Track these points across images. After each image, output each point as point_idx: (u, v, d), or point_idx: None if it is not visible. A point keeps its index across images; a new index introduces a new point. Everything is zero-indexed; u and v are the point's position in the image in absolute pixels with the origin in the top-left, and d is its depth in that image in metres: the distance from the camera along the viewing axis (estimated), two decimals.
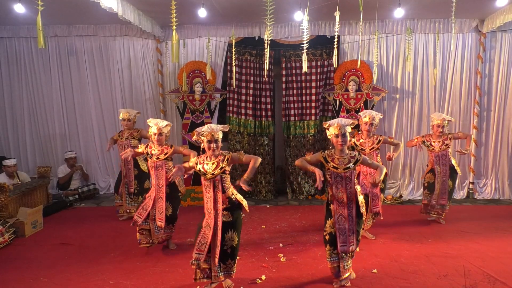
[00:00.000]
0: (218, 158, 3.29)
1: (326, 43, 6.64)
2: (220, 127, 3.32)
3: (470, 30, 6.53)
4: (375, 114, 4.73)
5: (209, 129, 3.25)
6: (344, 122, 3.33)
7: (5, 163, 5.94)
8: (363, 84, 6.55)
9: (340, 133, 3.28)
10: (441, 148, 5.09)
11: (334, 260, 3.47)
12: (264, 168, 6.96)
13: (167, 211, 4.33)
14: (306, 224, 5.45)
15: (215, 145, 3.26)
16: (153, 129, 4.30)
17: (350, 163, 3.31)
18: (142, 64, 7.03)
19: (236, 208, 3.35)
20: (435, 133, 5.13)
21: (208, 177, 3.26)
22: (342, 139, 3.29)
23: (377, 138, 4.70)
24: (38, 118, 7.20)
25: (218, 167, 3.26)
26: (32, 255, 4.45)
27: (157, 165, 4.31)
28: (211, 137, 3.23)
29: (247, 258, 4.26)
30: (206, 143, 3.27)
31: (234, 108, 6.88)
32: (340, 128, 3.29)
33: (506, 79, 6.60)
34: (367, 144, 4.69)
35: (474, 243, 4.62)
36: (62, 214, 6.03)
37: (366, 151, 4.64)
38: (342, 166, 3.31)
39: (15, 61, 7.05)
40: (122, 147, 5.47)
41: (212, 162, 3.29)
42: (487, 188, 6.86)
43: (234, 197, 3.35)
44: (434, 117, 5.14)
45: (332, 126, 3.34)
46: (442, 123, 5.03)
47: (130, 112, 5.54)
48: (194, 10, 5.47)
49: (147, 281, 3.75)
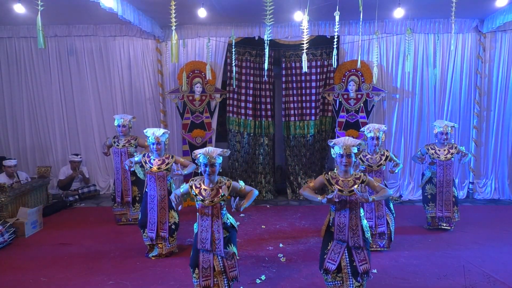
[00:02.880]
0: (217, 185, 3.11)
1: (326, 43, 6.63)
2: (218, 151, 3.09)
3: (470, 30, 6.52)
4: (378, 126, 4.54)
5: (205, 152, 3.05)
6: (350, 142, 3.09)
7: (5, 163, 5.94)
8: (363, 84, 6.55)
9: (346, 153, 3.05)
10: (446, 157, 4.89)
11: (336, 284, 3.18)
12: (264, 168, 6.96)
13: (174, 219, 4.31)
14: (306, 224, 5.45)
15: (211, 170, 3.04)
16: (150, 139, 4.21)
17: (355, 185, 3.06)
18: (142, 64, 7.02)
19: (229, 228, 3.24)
20: (439, 141, 4.92)
21: (207, 204, 3.07)
22: (347, 160, 3.06)
23: (384, 154, 4.51)
24: (38, 118, 7.19)
25: (218, 194, 3.08)
26: (32, 255, 4.45)
27: (158, 175, 4.24)
28: (207, 160, 3.03)
29: (247, 258, 4.26)
30: (202, 166, 3.06)
31: (234, 108, 6.88)
32: (346, 148, 3.05)
33: (506, 79, 6.59)
34: (374, 160, 4.50)
35: (474, 243, 4.62)
36: (62, 214, 6.03)
37: (374, 168, 4.48)
38: (347, 189, 3.06)
39: (15, 61, 7.04)
40: (118, 154, 5.30)
41: (210, 188, 3.10)
42: (487, 188, 6.86)
43: (230, 222, 3.24)
44: (437, 124, 4.95)
45: (337, 145, 3.10)
46: (446, 129, 4.84)
47: (125, 118, 5.31)
48: (194, 10, 5.46)
49: (147, 281, 3.75)
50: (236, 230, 3.34)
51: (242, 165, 6.97)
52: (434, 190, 5.05)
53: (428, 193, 5.12)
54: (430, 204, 5.09)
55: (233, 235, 3.26)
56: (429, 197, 5.11)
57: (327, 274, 3.15)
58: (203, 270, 3.15)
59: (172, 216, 4.32)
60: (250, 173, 7.00)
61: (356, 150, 3.11)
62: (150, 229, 4.26)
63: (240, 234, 5.03)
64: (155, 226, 4.24)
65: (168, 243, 4.31)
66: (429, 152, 5.01)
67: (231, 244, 3.19)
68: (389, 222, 4.46)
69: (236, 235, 3.33)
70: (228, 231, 3.21)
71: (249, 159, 6.99)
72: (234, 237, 3.26)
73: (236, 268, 3.18)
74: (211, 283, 3.14)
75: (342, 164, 3.08)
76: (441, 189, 4.99)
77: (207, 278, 3.14)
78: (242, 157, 6.97)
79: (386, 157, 4.51)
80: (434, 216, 5.09)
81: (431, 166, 5.07)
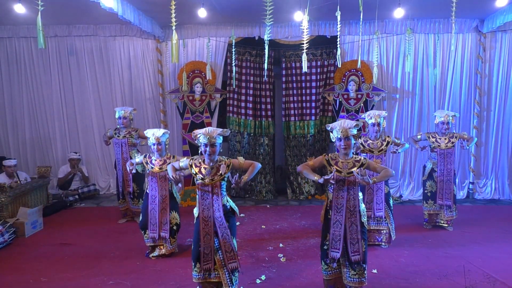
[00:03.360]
0: (217, 163, 3.15)
1: (326, 43, 6.64)
2: (218, 131, 3.14)
3: (470, 30, 6.52)
4: (379, 113, 4.57)
5: (205, 132, 3.11)
6: (347, 124, 3.10)
7: (5, 163, 5.94)
8: (363, 84, 6.55)
9: (343, 136, 3.08)
10: (447, 145, 4.93)
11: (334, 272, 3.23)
12: (264, 168, 6.96)
13: (175, 220, 4.32)
14: (306, 224, 5.45)
15: (211, 150, 3.09)
16: (151, 140, 4.22)
17: (354, 167, 3.10)
18: (142, 64, 7.03)
19: (230, 214, 3.23)
20: (440, 130, 4.96)
21: (207, 182, 3.12)
22: (345, 143, 3.09)
23: (385, 140, 4.53)
24: (38, 118, 7.19)
25: (218, 172, 3.12)
26: (32, 255, 4.45)
27: (160, 176, 4.26)
28: (207, 140, 3.08)
29: (247, 258, 4.26)
30: (202, 146, 3.12)
31: (234, 108, 6.88)
32: (343, 131, 3.08)
33: (506, 79, 6.59)
34: (375, 145, 4.53)
35: (474, 243, 4.62)
36: (62, 214, 6.03)
37: (375, 153, 4.51)
38: (346, 170, 3.11)
39: (15, 61, 7.05)
40: (119, 145, 5.39)
41: (211, 167, 3.14)
42: (487, 188, 6.86)
43: (229, 204, 3.24)
44: (438, 114, 4.99)
45: (335, 129, 3.13)
46: (447, 119, 4.86)
47: (126, 110, 5.46)
48: (194, 10, 5.47)
49: (147, 281, 3.75)
50: (237, 216, 3.33)
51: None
52: (434, 188, 5.07)
53: (428, 191, 5.13)
54: (429, 201, 5.11)
55: (233, 225, 3.25)
56: (428, 194, 5.12)
57: (332, 263, 3.19)
58: (204, 255, 3.18)
59: (174, 217, 4.32)
60: None
61: (355, 131, 3.12)
62: (151, 230, 4.26)
63: (240, 234, 5.03)
64: (157, 227, 4.24)
65: (170, 244, 4.31)
66: (430, 140, 5.03)
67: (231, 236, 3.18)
68: (388, 220, 4.47)
69: (235, 223, 3.33)
70: (228, 219, 3.19)
71: (249, 159, 6.97)
72: (234, 227, 3.25)
73: (236, 260, 3.18)
74: (211, 266, 3.17)
75: (342, 147, 3.12)
76: (442, 178, 4.99)
77: (208, 262, 3.17)
78: (242, 157, 6.95)
79: (388, 142, 4.54)
80: (432, 213, 5.13)
81: (432, 154, 5.09)
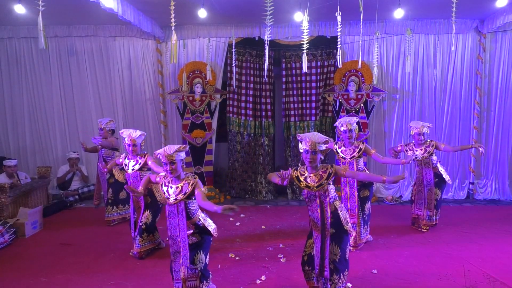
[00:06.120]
0: (182, 182, 3.08)
1: (326, 44, 6.65)
2: (175, 148, 3.05)
3: (470, 31, 6.53)
4: (349, 119, 4.55)
5: (163, 151, 3.04)
6: (317, 138, 3.00)
7: (6, 164, 5.93)
8: (363, 85, 6.55)
9: (311, 149, 2.98)
10: (423, 156, 4.96)
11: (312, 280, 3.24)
12: (264, 168, 6.96)
13: (147, 219, 4.30)
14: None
15: (172, 167, 3.03)
16: (126, 141, 4.25)
17: (322, 179, 3.02)
18: (142, 65, 7.03)
19: (203, 232, 3.13)
20: (416, 141, 5.00)
21: (171, 202, 3.06)
22: (311, 157, 2.99)
23: (358, 146, 4.46)
24: (38, 118, 7.20)
25: (182, 192, 3.04)
26: (32, 255, 4.45)
27: (132, 176, 4.31)
28: (166, 159, 3.02)
29: (247, 258, 4.26)
30: (164, 165, 3.07)
31: (234, 108, 6.89)
32: (312, 144, 2.98)
33: (506, 80, 6.59)
34: (347, 152, 4.51)
35: (474, 243, 4.62)
36: (62, 215, 6.04)
37: (346, 159, 4.50)
38: (315, 185, 3.03)
39: (15, 62, 7.05)
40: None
41: (176, 185, 3.07)
42: (487, 188, 6.85)
43: (202, 222, 3.12)
44: (413, 125, 5.03)
45: (304, 140, 3.03)
46: (422, 130, 4.91)
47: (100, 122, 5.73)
48: (194, 10, 5.47)
49: (147, 281, 3.76)
50: (211, 235, 3.17)
51: (242, 165, 6.97)
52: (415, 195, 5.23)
53: (413, 194, 5.28)
54: (412, 205, 5.27)
55: (206, 241, 3.14)
56: (412, 198, 5.27)
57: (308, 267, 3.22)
58: (175, 273, 3.19)
59: (146, 217, 4.31)
60: (250, 173, 7.00)
61: (323, 147, 3.03)
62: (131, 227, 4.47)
63: (240, 234, 5.04)
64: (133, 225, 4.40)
65: (138, 243, 4.26)
66: (407, 153, 5.07)
67: (200, 251, 3.06)
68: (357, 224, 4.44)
69: (209, 241, 3.20)
70: (201, 236, 3.10)
71: (249, 159, 6.99)
72: (206, 244, 3.14)
73: (196, 279, 3.07)
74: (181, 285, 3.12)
75: (307, 160, 3.04)
76: (420, 188, 5.11)
77: (178, 281, 3.15)
78: (242, 157, 6.97)
79: (360, 149, 4.49)
80: (417, 218, 5.19)
81: None
